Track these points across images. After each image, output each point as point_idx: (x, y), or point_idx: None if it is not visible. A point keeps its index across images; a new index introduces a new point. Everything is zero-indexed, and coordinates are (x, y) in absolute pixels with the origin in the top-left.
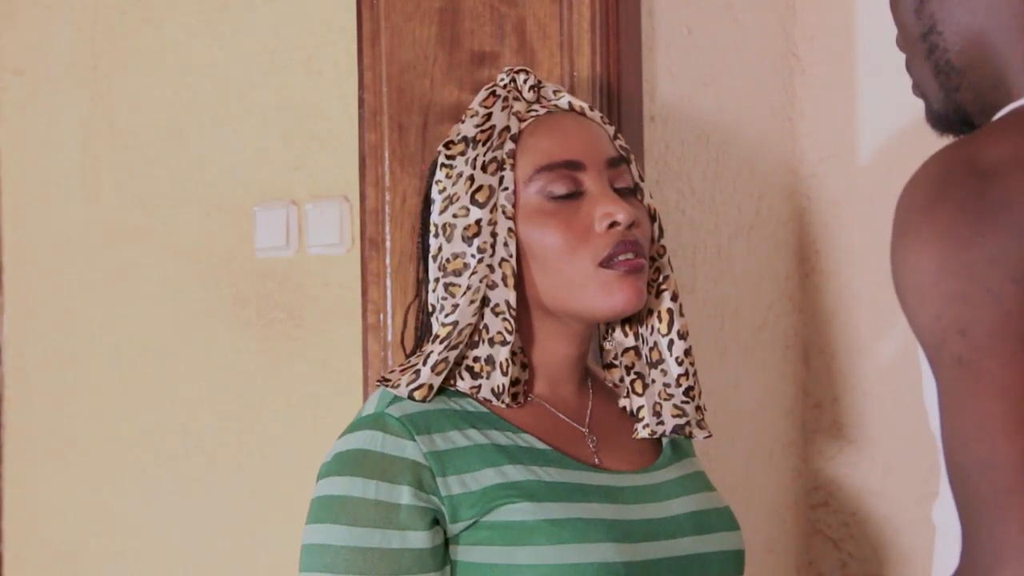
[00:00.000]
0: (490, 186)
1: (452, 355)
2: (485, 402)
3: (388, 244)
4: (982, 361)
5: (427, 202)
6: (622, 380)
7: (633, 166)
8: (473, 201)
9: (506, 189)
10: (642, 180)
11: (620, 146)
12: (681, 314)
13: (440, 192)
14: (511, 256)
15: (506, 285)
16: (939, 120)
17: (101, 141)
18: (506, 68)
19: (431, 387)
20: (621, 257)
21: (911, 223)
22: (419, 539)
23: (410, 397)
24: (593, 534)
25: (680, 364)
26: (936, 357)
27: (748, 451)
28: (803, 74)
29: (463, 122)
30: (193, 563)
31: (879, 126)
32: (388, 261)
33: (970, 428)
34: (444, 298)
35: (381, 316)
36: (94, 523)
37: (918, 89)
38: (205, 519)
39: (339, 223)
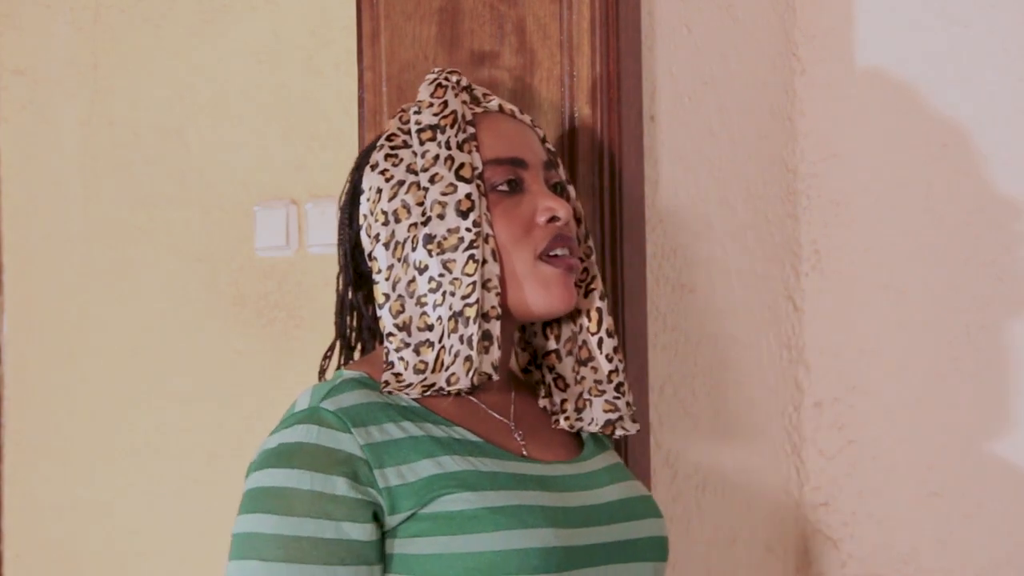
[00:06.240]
0: (471, 164)
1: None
2: (418, 399)
3: None
4: None
5: (354, 201)
6: (542, 380)
7: (561, 169)
8: (459, 177)
9: (477, 168)
10: (570, 183)
11: (548, 148)
12: (609, 313)
13: (387, 180)
14: (492, 233)
15: (494, 259)
16: None
17: (101, 141)
18: (435, 69)
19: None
20: (559, 251)
21: None
22: (355, 531)
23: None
24: (533, 520)
25: (610, 361)
26: None
27: (748, 451)
28: (803, 74)
29: (419, 112)
30: (193, 563)
31: (879, 126)
32: None
33: None
34: (441, 275)
35: None
36: (94, 523)
37: None
38: (205, 519)
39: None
